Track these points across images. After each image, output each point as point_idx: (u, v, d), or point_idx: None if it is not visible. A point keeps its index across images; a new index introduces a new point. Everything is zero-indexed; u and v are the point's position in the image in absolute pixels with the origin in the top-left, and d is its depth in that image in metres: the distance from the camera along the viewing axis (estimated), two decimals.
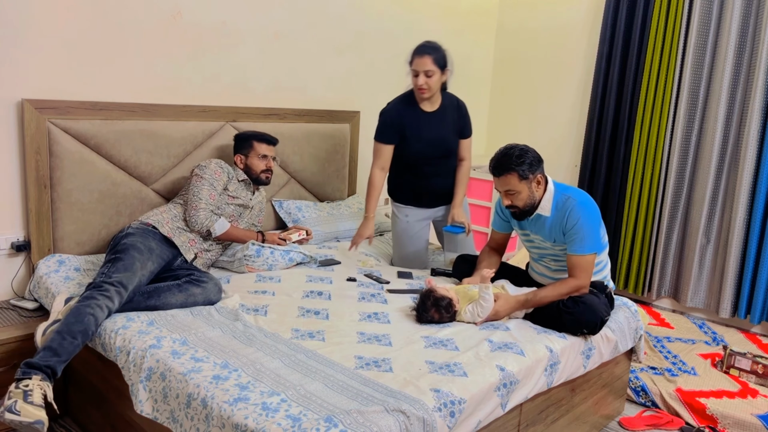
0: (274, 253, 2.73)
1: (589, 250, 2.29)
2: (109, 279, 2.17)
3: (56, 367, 1.92)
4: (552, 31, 4.46)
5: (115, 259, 2.29)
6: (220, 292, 2.35)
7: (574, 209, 2.30)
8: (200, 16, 2.98)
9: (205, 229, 2.59)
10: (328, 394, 1.65)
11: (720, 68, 3.61)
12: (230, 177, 2.74)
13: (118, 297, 2.13)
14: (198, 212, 2.58)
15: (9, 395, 1.79)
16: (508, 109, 4.77)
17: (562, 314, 2.24)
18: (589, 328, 2.24)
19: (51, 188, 2.56)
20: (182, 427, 1.70)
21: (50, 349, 1.95)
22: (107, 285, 2.14)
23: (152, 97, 2.88)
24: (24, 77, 2.49)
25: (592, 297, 2.30)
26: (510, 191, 2.34)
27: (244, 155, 2.83)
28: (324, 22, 3.54)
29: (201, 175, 2.64)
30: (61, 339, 1.97)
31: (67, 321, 2.03)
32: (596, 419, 2.52)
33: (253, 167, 2.83)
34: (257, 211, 2.92)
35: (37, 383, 1.84)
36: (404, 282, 2.72)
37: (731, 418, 2.52)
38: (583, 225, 2.29)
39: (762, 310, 3.53)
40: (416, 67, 2.74)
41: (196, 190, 2.62)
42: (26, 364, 1.89)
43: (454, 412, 1.68)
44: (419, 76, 2.74)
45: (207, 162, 2.70)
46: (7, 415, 1.72)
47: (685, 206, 3.85)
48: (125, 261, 2.26)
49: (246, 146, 2.83)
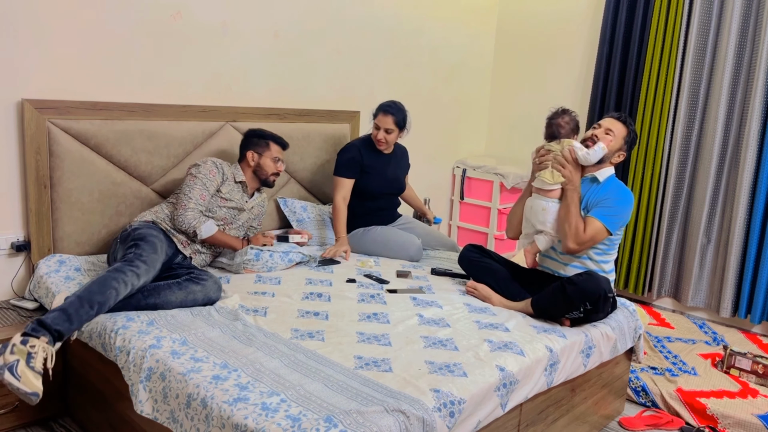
0: (273, 255, 2.73)
1: (606, 222, 2.38)
2: (141, 257, 2.20)
3: (65, 333, 1.93)
4: (552, 31, 4.46)
5: (135, 245, 2.31)
6: (219, 290, 2.35)
7: (620, 188, 2.47)
8: (200, 16, 2.98)
9: (191, 229, 2.55)
10: (327, 394, 1.65)
11: (720, 68, 3.61)
12: (225, 178, 2.69)
13: (145, 276, 2.16)
14: (186, 212, 2.55)
15: (12, 349, 1.80)
16: (508, 108, 4.77)
17: (565, 287, 2.25)
18: (592, 300, 2.24)
19: (51, 188, 2.56)
20: (182, 427, 1.70)
21: (65, 312, 1.96)
22: (139, 262, 2.17)
23: (152, 97, 2.88)
24: (24, 77, 2.49)
25: (596, 273, 2.35)
26: (610, 130, 2.50)
27: (258, 153, 2.78)
28: (324, 21, 3.54)
29: (195, 174, 2.61)
30: (79, 305, 1.99)
31: (90, 288, 2.04)
32: (596, 419, 2.52)
33: (265, 168, 2.79)
34: (255, 213, 2.88)
35: (43, 346, 1.84)
36: (404, 282, 2.72)
37: (731, 418, 2.52)
38: (619, 204, 2.42)
39: (762, 310, 3.53)
40: (379, 123, 3.15)
41: (187, 190, 2.58)
42: (38, 322, 1.89)
43: (454, 412, 1.68)
44: (380, 131, 3.14)
45: (203, 160, 2.67)
46: (6, 375, 1.74)
47: (685, 206, 3.85)
48: (150, 244, 2.31)
49: (262, 145, 2.79)
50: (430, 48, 4.24)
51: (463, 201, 4.63)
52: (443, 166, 4.63)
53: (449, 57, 4.41)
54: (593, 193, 2.47)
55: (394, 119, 3.12)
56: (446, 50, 4.37)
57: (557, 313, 2.31)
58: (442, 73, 4.40)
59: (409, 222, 3.45)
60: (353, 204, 3.19)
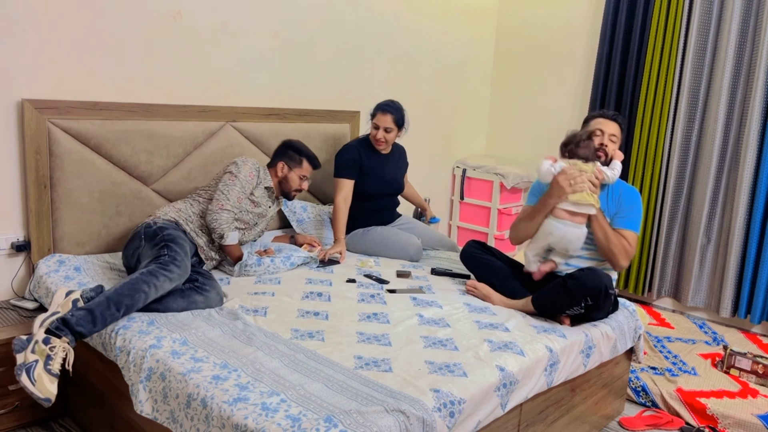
0: (274, 260, 2.72)
1: (636, 229, 2.47)
2: (176, 261, 2.16)
3: (87, 334, 1.92)
4: (552, 31, 4.46)
5: (167, 246, 2.25)
6: (221, 302, 2.32)
7: (629, 191, 2.52)
8: (200, 16, 2.99)
9: (221, 231, 2.51)
10: (327, 394, 1.65)
11: (720, 68, 3.61)
12: (259, 182, 2.69)
13: (177, 281, 2.14)
14: (222, 212, 2.51)
15: (33, 348, 1.79)
16: (508, 109, 4.77)
17: (567, 282, 2.25)
18: (593, 295, 2.23)
19: (51, 188, 2.56)
20: (182, 427, 1.70)
21: (91, 313, 1.94)
22: (173, 266, 2.14)
23: (152, 97, 2.88)
24: (24, 77, 2.49)
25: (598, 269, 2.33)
26: (614, 136, 2.52)
27: (289, 167, 2.79)
28: (324, 21, 3.54)
29: (236, 174, 2.57)
30: (106, 306, 1.97)
31: (119, 290, 2.01)
32: (596, 419, 2.52)
33: (291, 182, 2.80)
34: (269, 218, 2.88)
35: (63, 346, 1.83)
36: (404, 282, 2.72)
37: (731, 418, 2.52)
38: (637, 206, 2.49)
39: (762, 309, 3.53)
40: (378, 122, 3.15)
41: (226, 189, 2.55)
42: (62, 321, 1.88)
43: (454, 413, 1.68)
44: (379, 130, 3.14)
45: (243, 160, 2.63)
46: (23, 378, 1.73)
47: (685, 206, 3.85)
48: (182, 248, 2.26)
49: (296, 160, 2.80)
50: (430, 48, 4.24)
51: (463, 201, 4.63)
52: (443, 166, 4.64)
53: (450, 57, 4.41)
54: (610, 202, 2.49)
55: (393, 118, 3.12)
56: (447, 50, 4.38)
57: (558, 309, 2.31)
58: (443, 73, 4.40)
59: (408, 222, 3.45)
60: (352, 205, 3.17)
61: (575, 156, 2.41)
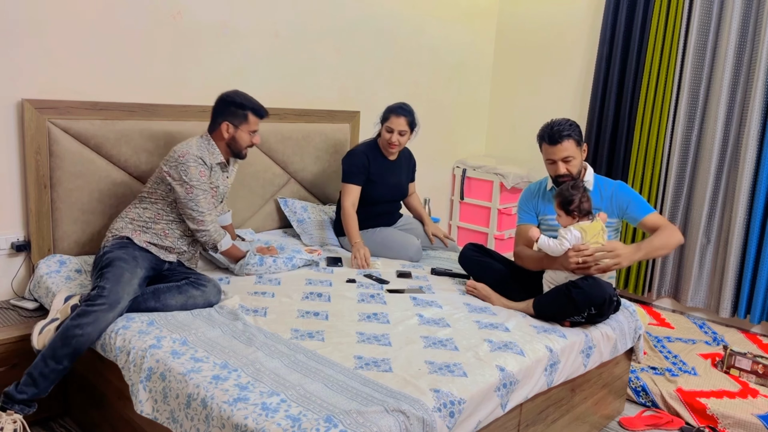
0: (276, 261, 2.72)
1: (651, 208, 2.47)
2: (102, 292, 2.06)
3: (34, 398, 1.92)
4: (552, 31, 4.46)
5: (101, 274, 2.16)
6: (219, 294, 2.34)
7: (619, 184, 2.53)
8: (200, 16, 2.98)
9: (213, 242, 2.45)
10: (327, 395, 1.65)
11: (720, 68, 3.61)
12: (210, 168, 2.45)
13: (112, 311, 2.04)
14: (207, 226, 2.39)
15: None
16: (508, 108, 4.77)
17: (571, 291, 2.24)
18: (596, 304, 2.23)
19: (51, 188, 2.56)
20: (182, 427, 1.70)
21: (30, 377, 1.94)
22: (101, 299, 2.04)
23: (152, 97, 2.88)
24: (24, 77, 2.49)
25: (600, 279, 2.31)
26: (568, 158, 2.41)
27: (234, 126, 2.47)
28: (324, 21, 3.54)
29: (189, 182, 2.34)
30: (43, 366, 1.95)
31: (53, 344, 1.98)
32: (596, 419, 2.52)
33: (240, 141, 2.49)
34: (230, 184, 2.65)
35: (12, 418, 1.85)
36: (404, 282, 2.72)
37: (731, 418, 2.52)
38: (633, 193, 2.51)
39: (762, 309, 3.53)
40: (392, 125, 3.09)
41: (192, 203, 2.35)
42: (5, 395, 1.88)
43: (454, 413, 1.68)
44: (393, 134, 3.08)
45: (183, 161, 2.34)
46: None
47: (685, 206, 3.85)
48: (114, 272, 2.15)
49: (239, 116, 2.47)
50: (430, 48, 4.24)
51: (463, 201, 4.63)
52: (443, 166, 4.63)
53: (450, 57, 4.41)
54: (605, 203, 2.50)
55: (407, 120, 3.08)
56: (447, 50, 4.37)
57: (560, 316, 2.31)
58: (443, 73, 4.40)
59: (409, 223, 3.45)
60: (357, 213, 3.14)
61: (583, 213, 2.30)
